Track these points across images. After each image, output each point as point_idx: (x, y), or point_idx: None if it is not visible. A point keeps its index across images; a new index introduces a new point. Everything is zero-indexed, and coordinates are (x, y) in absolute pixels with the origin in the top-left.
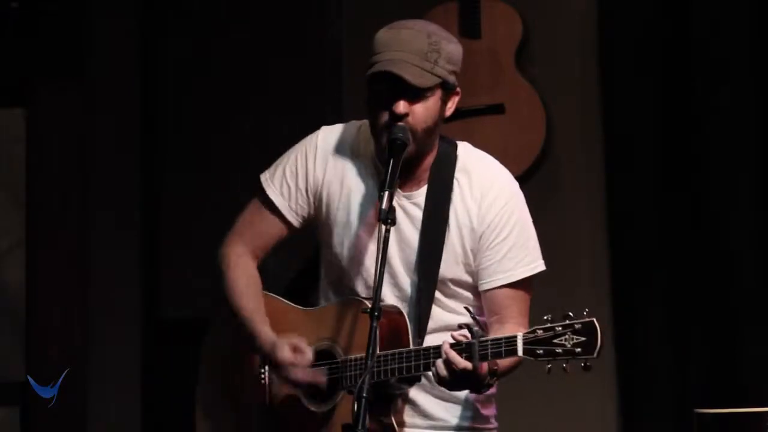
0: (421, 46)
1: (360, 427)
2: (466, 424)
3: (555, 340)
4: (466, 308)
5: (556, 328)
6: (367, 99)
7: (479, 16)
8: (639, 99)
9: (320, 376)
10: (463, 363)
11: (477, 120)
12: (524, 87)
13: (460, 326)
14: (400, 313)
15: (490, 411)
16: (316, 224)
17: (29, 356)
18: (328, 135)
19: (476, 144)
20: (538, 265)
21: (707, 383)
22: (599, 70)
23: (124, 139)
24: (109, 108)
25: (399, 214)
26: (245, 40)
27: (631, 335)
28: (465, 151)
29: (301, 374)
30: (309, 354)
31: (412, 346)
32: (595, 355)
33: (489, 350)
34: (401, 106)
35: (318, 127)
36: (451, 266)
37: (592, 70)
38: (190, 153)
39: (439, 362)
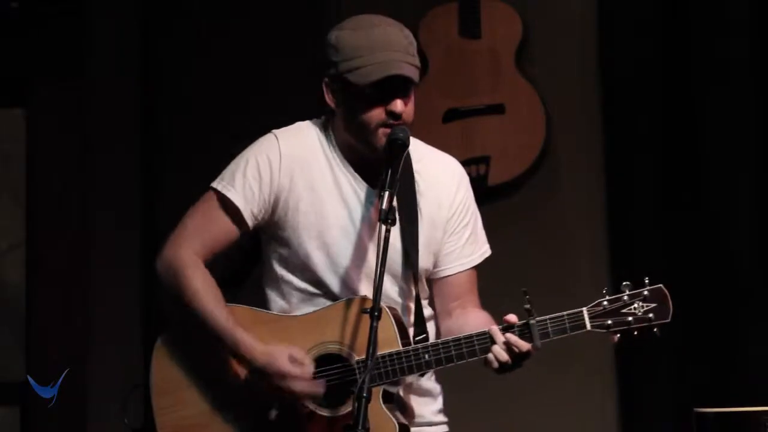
0: (401, 41)
1: (360, 427)
2: (438, 418)
3: (624, 310)
4: (523, 291)
5: (624, 298)
6: (340, 99)
7: (479, 16)
8: (639, 99)
9: (320, 387)
10: (526, 345)
11: (477, 120)
12: (524, 87)
13: (527, 310)
14: (397, 309)
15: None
16: (269, 230)
17: (29, 356)
18: (289, 139)
19: (476, 144)
20: (488, 249)
21: (707, 383)
22: (599, 70)
23: (124, 139)
24: (109, 108)
25: (373, 213)
26: (245, 40)
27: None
28: (412, 143)
29: (302, 386)
30: (309, 364)
31: (400, 345)
32: (669, 319)
33: (550, 328)
34: (399, 105)
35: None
36: (425, 258)
37: (592, 70)
38: (190, 153)
39: (497, 347)
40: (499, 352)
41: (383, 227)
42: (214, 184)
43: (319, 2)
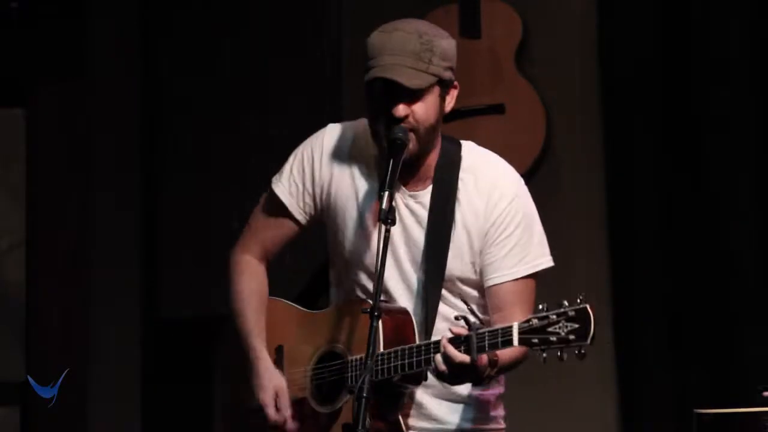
0: (413, 47)
1: (360, 427)
2: (472, 426)
3: (549, 329)
4: (464, 301)
5: (551, 317)
6: (366, 104)
7: (479, 17)
8: (639, 99)
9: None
10: (460, 356)
11: (477, 120)
12: (524, 87)
13: (457, 318)
14: (407, 313)
15: (498, 411)
16: (323, 222)
17: (29, 356)
18: (334, 133)
19: (476, 144)
20: (542, 263)
21: (707, 383)
22: (599, 70)
23: (124, 139)
24: (109, 108)
25: (405, 213)
26: (245, 40)
27: (631, 335)
28: (469, 149)
29: (270, 415)
30: (285, 408)
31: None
32: (588, 341)
33: (486, 341)
34: (400, 110)
35: (316, 128)
36: (458, 264)
37: (592, 70)
38: (190, 153)
39: (438, 357)
40: (438, 361)
41: (383, 227)
42: (273, 179)
43: (319, 2)
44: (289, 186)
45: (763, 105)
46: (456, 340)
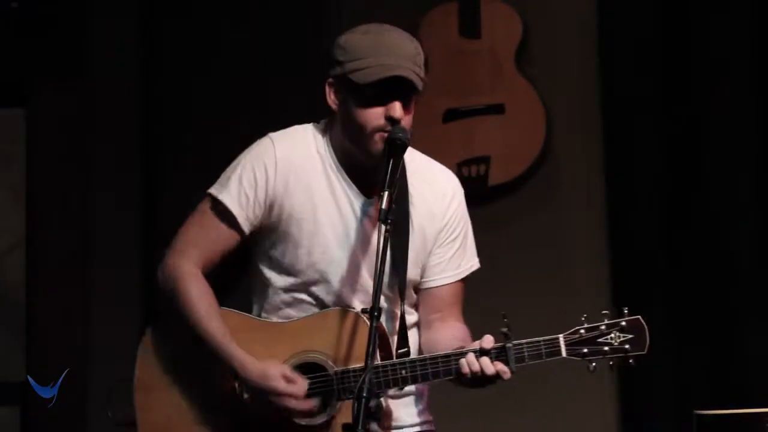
0: (411, 50)
1: (360, 427)
2: (419, 419)
3: (600, 339)
4: (502, 315)
5: (601, 327)
6: (341, 101)
7: (479, 17)
8: (639, 99)
9: (313, 404)
10: (492, 369)
11: (477, 120)
12: (524, 87)
13: (502, 332)
14: (382, 324)
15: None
16: (262, 236)
17: (29, 356)
18: (285, 143)
19: (476, 144)
20: (475, 264)
21: (707, 383)
22: (599, 70)
23: (124, 139)
24: (109, 108)
25: (366, 222)
26: (245, 41)
27: None
28: (409, 152)
29: (295, 404)
30: (303, 383)
31: (378, 359)
32: (645, 351)
33: (526, 353)
34: (398, 110)
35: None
36: (414, 269)
37: (592, 70)
38: (190, 153)
39: (465, 368)
40: (467, 374)
41: (383, 227)
42: (211, 190)
43: (318, 3)
44: (238, 197)
45: (763, 105)
46: (486, 353)
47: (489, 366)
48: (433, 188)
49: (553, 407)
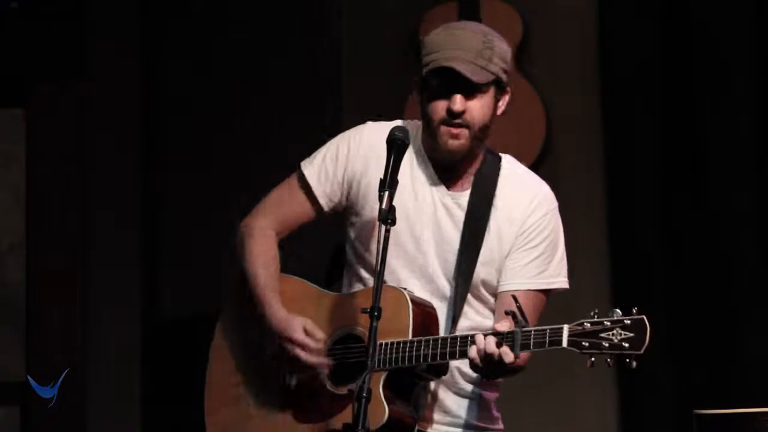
0: (476, 44)
1: (360, 427)
2: (480, 423)
3: (602, 335)
4: (513, 296)
5: (605, 323)
6: (420, 97)
7: (479, 16)
8: (639, 99)
9: (326, 362)
10: (496, 351)
11: None
12: (524, 87)
13: (506, 312)
14: (434, 309)
15: (497, 413)
16: (346, 214)
17: (29, 356)
18: (376, 129)
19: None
20: (558, 282)
21: (707, 383)
22: (599, 70)
23: (124, 139)
24: (109, 108)
25: (441, 212)
26: (245, 40)
27: None
28: (509, 161)
29: (308, 357)
30: (320, 337)
31: (410, 335)
32: (641, 351)
33: (531, 340)
34: (458, 102)
35: (316, 128)
36: (486, 269)
37: (592, 71)
38: (190, 153)
39: (473, 349)
40: (473, 355)
41: (383, 227)
42: (302, 162)
43: (318, 3)
44: (318, 171)
45: (763, 105)
46: (499, 334)
47: (491, 345)
48: (520, 194)
49: (553, 407)
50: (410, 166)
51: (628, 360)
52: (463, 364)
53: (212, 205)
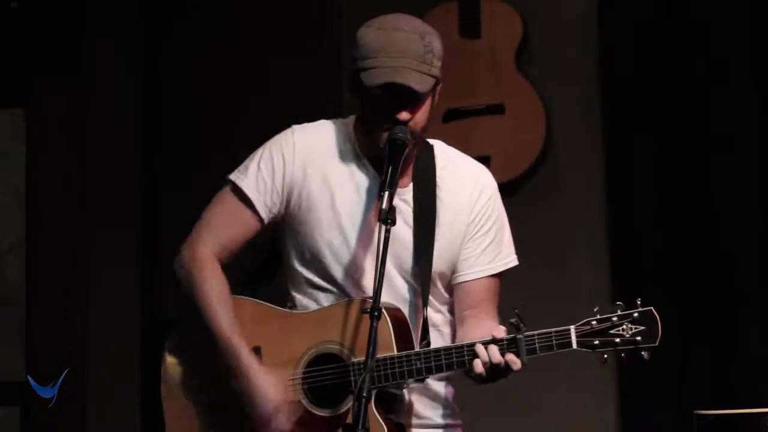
0: (418, 49)
1: (360, 427)
2: (447, 421)
3: (612, 331)
4: (520, 305)
5: (613, 319)
6: (363, 99)
7: (479, 16)
8: (639, 99)
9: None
10: (501, 359)
11: (477, 120)
12: (524, 87)
13: (511, 323)
14: (400, 310)
15: (456, 407)
16: (285, 225)
17: (29, 356)
18: (305, 133)
19: (476, 144)
20: (512, 260)
21: (707, 383)
22: (599, 70)
23: (124, 139)
24: (109, 108)
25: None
26: (245, 40)
27: None
28: (441, 148)
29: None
30: (285, 412)
31: (395, 349)
32: (657, 343)
33: (537, 344)
34: (405, 115)
35: None
36: (442, 262)
37: (592, 71)
38: (190, 153)
39: (477, 361)
40: (477, 364)
41: (383, 227)
42: (231, 176)
43: (319, 3)
44: (256, 183)
45: (763, 105)
46: (501, 342)
47: (496, 355)
48: (462, 182)
49: (552, 407)
50: (349, 170)
51: (642, 353)
52: None
53: None
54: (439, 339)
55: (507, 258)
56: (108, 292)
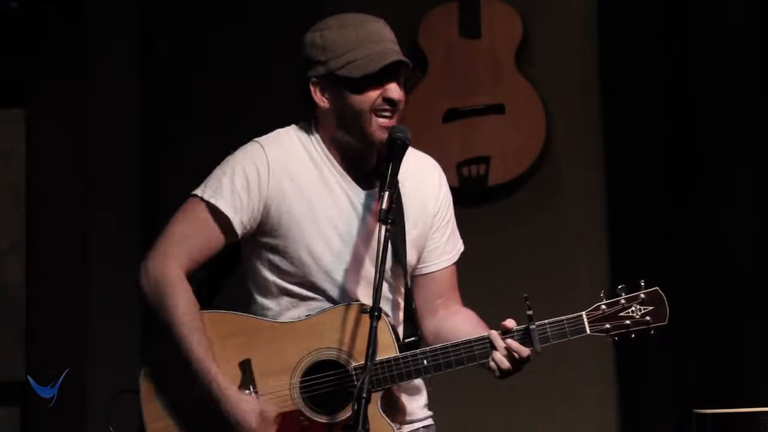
0: (390, 34)
1: (360, 427)
2: (426, 413)
3: (621, 313)
4: (524, 297)
5: (621, 302)
6: (333, 93)
7: (479, 16)
8: (639, 99)
9: None
10: (526, 350)
11: (477, 120)
12: (524, 87)
13: (528, 317)
14: (387, 314)
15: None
16: (255, 239)
17: (29, 356)
18: (274, 146)
19: (476, 144)
20: (462, 245)
21: (707, 383)
22: (599, 70)
23: (124, 139)
24: (109, 108)
25: (366, 215)
26: (245, 40)
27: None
28: None
29: None
30: (272, 417)
31: (397, 350)
32: (666, 321)
33: (549, 332)
34: (396, 90)
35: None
36: (411, 255)
37: (592, 71)
38: (190, 153)
39: (498, 354)
40: (500, 359)
41: (383, 227)
42: (200, 193)
43: (319, 2)
44: (232, 199)
45: (763, 105)
46: (513, 333)
47: (519, 347)
48: (423, 174)
49: (553, 406)
50: (322, 176)
51: (652, 332)
52: None
53: None
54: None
55: (459, 243)
56: (108, 292)
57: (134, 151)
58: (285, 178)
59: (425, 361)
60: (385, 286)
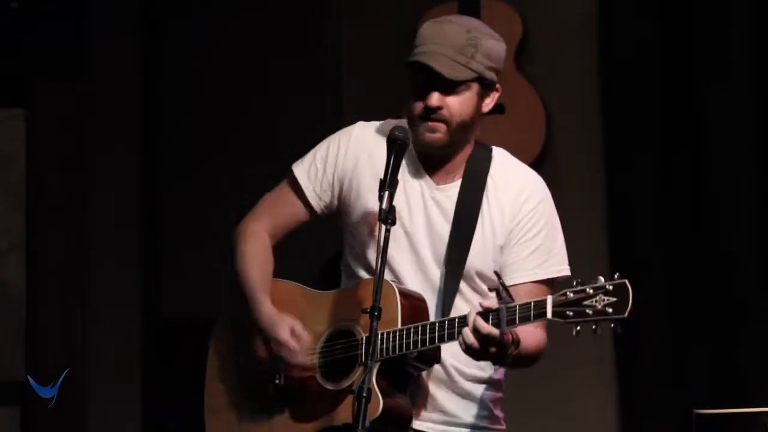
0: (458, 40)
1: (360, 427)
2: (480, 423)
3: (585, 302)
4: (495, 273)
5: (587, 290)
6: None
7: (479, 16)
8: (639, 99)
9: (308, 363)
10: (488, 328)
11: None
12: (524, 87)
13: (491, 289)
14: (423, 300)
15: (500, 413)
16: (340, 216)
17: (29, 356)
18: (367, 128)
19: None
20: (561, 270)
21: (707, 383)
22: (599, 70)
23: (124, 139)
24: (109, 108)
25: (430, 204)
26: (245, 40)
27: (630, 335)
28: (500, 153)
29: (292, 357)
30: (306, 338)
31: (399, 324)
32: (625, 314)
33: (517, 315)
34: (434, 98)
35: (316, 127)
36: (479, 259)
37: (592, 71)
38: (191, 153)
39: (466, 329)
40: (466, 333)
41: (383, 227)
42: (294, 164)
43: (318, 2)
44: (308, 170)
45: (763, 105)
46: (485, 314)
47: (483, 325)
48: (510, 186)
49: (552, 407)
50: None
51: (613, 325)
52: (462, 364)
53: (212, 205)
54: None
55: (557, 266)
56: (108, 292)
57: (134, 151)
58: (363, 156)
59: (414, 336)
60: (437, 275)
